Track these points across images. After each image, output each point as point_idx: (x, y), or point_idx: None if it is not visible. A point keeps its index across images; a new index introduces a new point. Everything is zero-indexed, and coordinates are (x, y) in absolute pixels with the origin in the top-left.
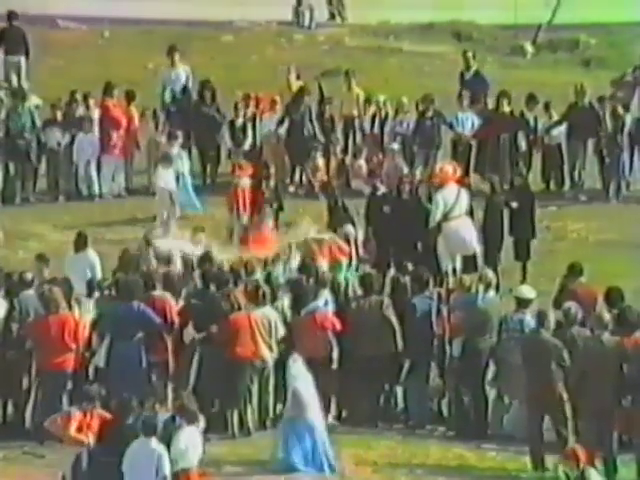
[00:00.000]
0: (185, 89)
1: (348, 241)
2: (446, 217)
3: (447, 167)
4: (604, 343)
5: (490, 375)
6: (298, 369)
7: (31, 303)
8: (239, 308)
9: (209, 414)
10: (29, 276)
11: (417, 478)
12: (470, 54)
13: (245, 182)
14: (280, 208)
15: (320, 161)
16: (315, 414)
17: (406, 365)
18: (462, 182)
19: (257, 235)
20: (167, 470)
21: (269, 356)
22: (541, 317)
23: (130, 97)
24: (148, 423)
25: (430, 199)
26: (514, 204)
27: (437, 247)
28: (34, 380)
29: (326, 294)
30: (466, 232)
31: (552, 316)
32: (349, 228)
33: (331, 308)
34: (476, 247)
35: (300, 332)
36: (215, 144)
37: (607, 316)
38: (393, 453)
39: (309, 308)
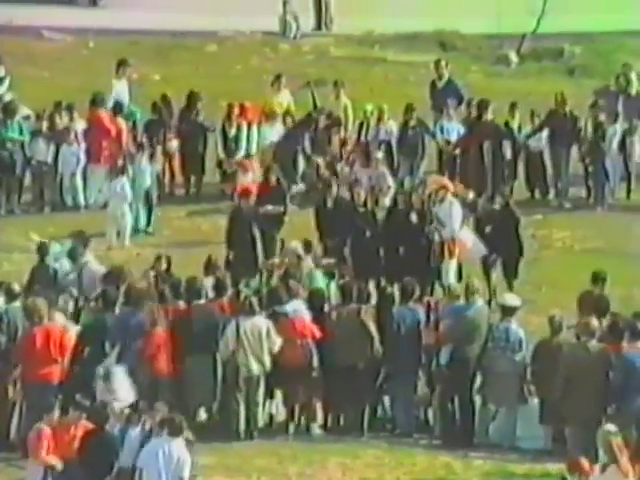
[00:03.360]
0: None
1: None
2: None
3: (444, 180)
4: (590, 350)
5: (477, 384)
6: (121, 376)
7: (18, 315)
8: None
9: (195, 424)
10: (16, 288)
11: None
12: (443, 63)
13: (249, 177)
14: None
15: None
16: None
17: (382, 374)
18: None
19: None
20: (186, 474)
21: (256, 367)
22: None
23: (117, 108)
24: (174, 423)
25: (423, 211)
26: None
27: (443, 260)
28: (19, 392)
29: (297, 303)
30: (476, 242)
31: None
32: (294, 244)
33: (306, 316)
34: (485, 251)
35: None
36: (200, 154)
37: (595, 324)
38: (380, 462)
39: (277, 310)
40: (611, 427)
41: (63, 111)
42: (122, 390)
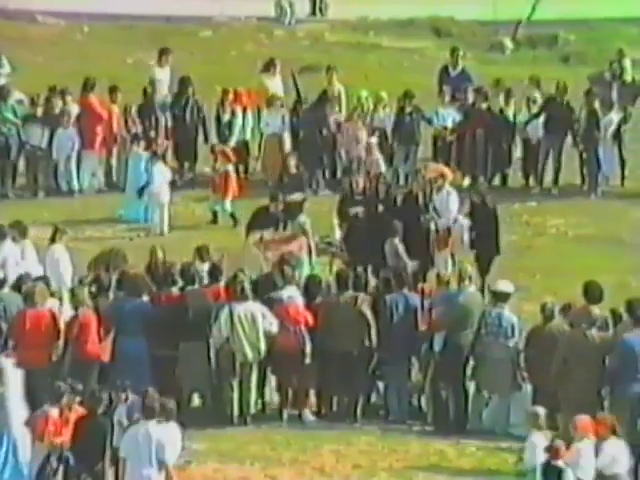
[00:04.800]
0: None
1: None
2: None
3: (443, 168)
4: (589, 337)
5: (470, 370)
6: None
7: (12, 301)
8: None
9: (189, 409)
10: (1, 274)
11: (397, 474)
12: (461, 53)
13: (230, 168)
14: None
15: None
16: (18, 425)
17: (374, 360)
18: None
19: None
20: (168, 455)
21: (250, 353)
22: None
23: (113, 93)
24: (150, 407)
25: (417, 199)
26: (473, 234)
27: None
28: None
29: (291, 290)
30: (470, 233)
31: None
32: (302, 218)
33: (300, 302)
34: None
35: None
36: (193, 140)
37: (597, 312)
38: (373, 449)
39: (273, 296)
40: (539, 409)
41: (59, 94)
42: (11, 384)
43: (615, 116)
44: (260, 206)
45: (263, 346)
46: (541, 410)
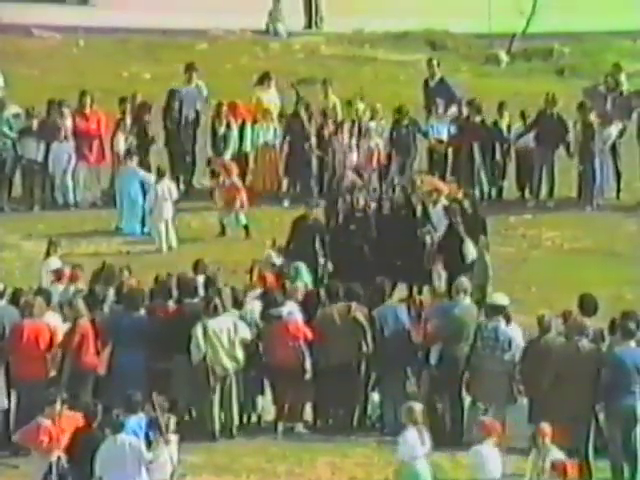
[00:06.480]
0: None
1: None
2: None
3: (438, 182)
4: (580, 349)
5: (466, 383)
6: None
7: (5, 314)
8: None
9: (184, 422)
10: (0, 287)
11: None
12: (435, 62)
13: (235, 180)
14: None
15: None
16: None
17: (373, 376)
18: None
19: None
20: (149, 456)
21: (230, 364)
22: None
23: (123, 104)
24: (115, 422)
25: (414, 211)
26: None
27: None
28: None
29: (291, 305)
30: (468, 246)
31: None
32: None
33: (299, 318)
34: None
35: (271, 341)
36: (187, 152)
37: (588, 323)
38: (369, 461)
39: (273, 312)
40: (415, 404)
41: (56, 107)
42: None
43: (614, 130)
44: (297, 217)
45: (241, 355)
46: (417, 405)
